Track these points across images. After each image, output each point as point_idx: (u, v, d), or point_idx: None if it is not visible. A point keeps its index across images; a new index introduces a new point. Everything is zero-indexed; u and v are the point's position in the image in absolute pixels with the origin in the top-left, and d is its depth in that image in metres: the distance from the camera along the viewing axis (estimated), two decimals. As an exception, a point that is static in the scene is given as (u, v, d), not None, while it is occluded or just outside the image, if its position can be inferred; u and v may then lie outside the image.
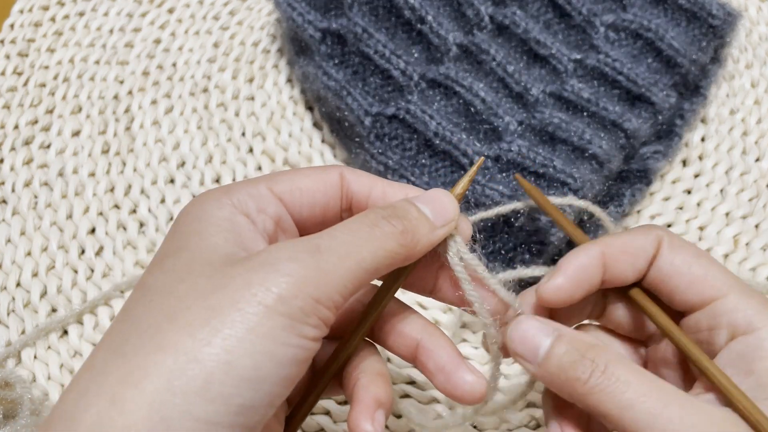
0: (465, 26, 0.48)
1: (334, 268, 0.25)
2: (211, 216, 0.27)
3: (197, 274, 0.25)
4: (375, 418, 0.28)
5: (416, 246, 0.28)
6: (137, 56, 0.55)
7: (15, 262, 0.46)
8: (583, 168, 0.42)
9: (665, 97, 0.46)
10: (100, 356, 0.24)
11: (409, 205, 0.28)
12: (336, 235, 0.26)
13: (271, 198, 0.28)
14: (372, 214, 0.27)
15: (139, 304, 0.25)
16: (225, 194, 0.28)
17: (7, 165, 0.50)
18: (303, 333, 0.24)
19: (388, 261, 0.27)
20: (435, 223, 0.28)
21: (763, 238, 0.47)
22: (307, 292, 0.24)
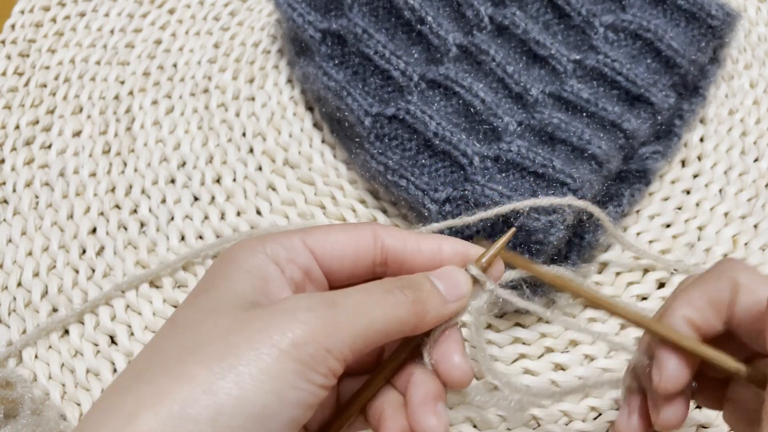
0: (465, 27, 0.49)
1: (347, 323, 0.27)
2: (245, 262, 0.29)
3: (221, 315, 0.27)
4: (437, 411, 0.29)
5: (425, 317, 0.29)
6: (138, 57, 0.56)
7: (16, 261, 0.46)
8: (582, 168, 0.43)
9: (664, 97, 0.46)
10: (124, 380, 0.26)
11: (424, 279, 0.30)
12: (352, 294, 0.28)
13: (302, 249, 0.30)
14: (388, 282, 0.29)
15: (166, 336, 0.27)
16: (260, 243, 0.30)
17: (8, 165, 0.50)
18: (312, 379, 0.26)
19: (398, 327, 0.28)
20: (447, 298, 0.30)
21: (762, 238, 0.47)
22: (319, 341, 0.26)
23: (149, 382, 0.25)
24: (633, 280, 0.46)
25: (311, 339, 0.26)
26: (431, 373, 0.31)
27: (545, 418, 0.41)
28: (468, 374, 0.31)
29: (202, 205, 0.49)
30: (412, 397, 0.30)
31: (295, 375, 0.25)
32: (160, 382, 0.25)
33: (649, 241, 0.47)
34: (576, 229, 0.44)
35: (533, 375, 0.42)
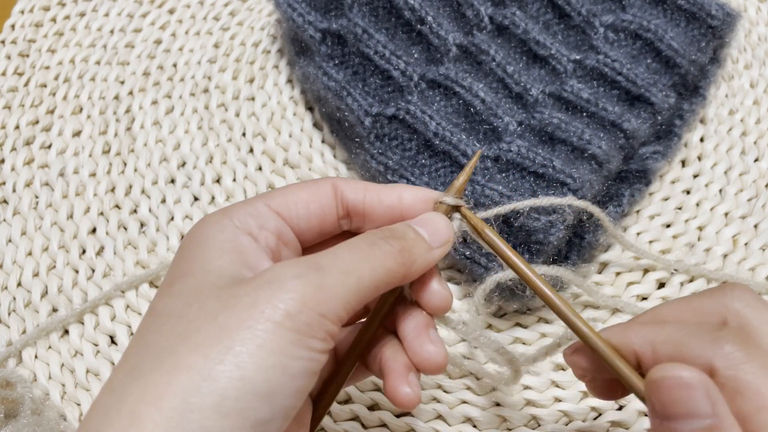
0: (465, 27, 0.49)
1: (336, 284, 0.26)
2: (214, 239, 0.28)
3: (205, 297, 0.26)
4: (410, 381, 0.30)
5: (413, 265, 0.29)
6: (138, 57, 0.56)
7: (16, 262, 0.46)
8: (582, 168, 0.43)
9: (664, 97, 0.46)
10: (116, 379, 0.25)
11: (407, 227, 0.30)
12: (337, 254, 0.27)
13: (269, 214, 0.30)
14: (371, 235, 0.29)
15: (151, 328, 0.26)
16: (225, 216, 0.29)
17: (8, 165, 0.50)
18: (311, 346, 0.25)
19: (387, 279, 0.28)
20: (431, 244, 0.30)
21: (762, 238, 0.47)
22: (311, 307, 0.25)
23: (145, 378, 0.24)
24: (633, 280, 0.46)
25: (304, 307, 0.25)
26: (415, 305, 0.31)
27: (545, 418, 0.41)
28: (447, 298, 0.31)
29: (202, 205, 0.49)
30: (405, 332, 0.30)
31: (293, 345, 0.25)
32: (155, 377, 0.24)
33: (649, 241, 0.47)
34: (576, 229, 0.44)
35: (533, 375, 0.42)
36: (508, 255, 0.31)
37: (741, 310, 0.28)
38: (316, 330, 0.25)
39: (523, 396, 0.42)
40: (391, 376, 0.30)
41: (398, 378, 0.30)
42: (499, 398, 0.42)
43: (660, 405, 0.25)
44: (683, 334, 0.27)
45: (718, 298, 0.29)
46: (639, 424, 0.41)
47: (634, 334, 0.28)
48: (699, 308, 0.29)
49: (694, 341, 0.26)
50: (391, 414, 0.41)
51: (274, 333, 0.24)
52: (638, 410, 0.41)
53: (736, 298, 0.28)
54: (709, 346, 0.26)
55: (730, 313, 0.28)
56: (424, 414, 0.41)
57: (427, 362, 0.30)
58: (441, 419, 0.41)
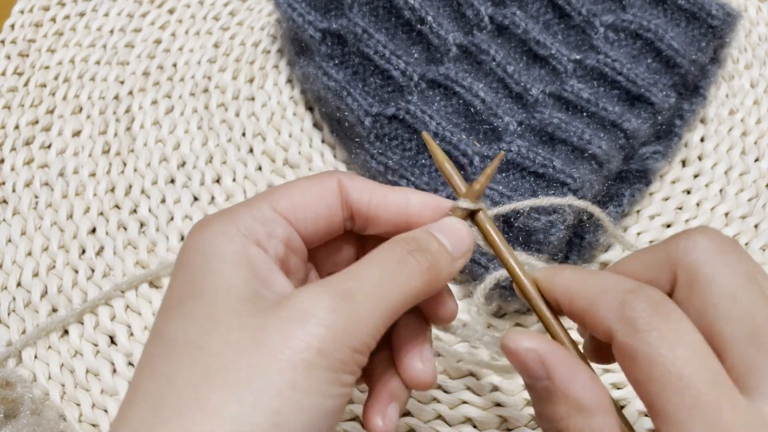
0: (465, 26, 0.49)
1: (368, 314, 0.25)
2: (222, 251, 0.26)
3: (226, 326, 0.24)
4: (387, 414, 0.29)
5: (439, 281, 0.28)
6: (138, 56, 0.56)
7: (16, 262, 0.46)
8: (582, 168, 0.42)
9: (665, 97, 0.46)
10: (136, 417, 0.23)
11: (430, 237, 0.28)
12: (365, 278, 0.26)
13: (277, 219, 0.28)
14: (397, 248, 0.27)
15: (167, 359, 0.24)
16: (230, 223, 0.27)
17: (8, 165, 0.50)
18: (344, 381, 0.25)
19: (414, 300, 0.27)
20: (454, 254, 0.28)
21: (762, 238, 0.47)
22: (344, 343, 0.24)
23: (174, 422, 0.23)
24: (633, 280, 0.46)
25: (337, 343, 0.24)
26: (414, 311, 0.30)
27: (545, 419, 0.41)
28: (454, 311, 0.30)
29: (202, 205, 0.49)
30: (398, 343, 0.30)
31: (328, 384, 0.24)
32: (185, 422, 0.22)
33: (650, 242, 0.47)
34: (576, 229, 0.44)
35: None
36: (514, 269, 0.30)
37: (692, 263, 0.26)
38: (349, 364, 0.24)
39: (524, 396, 0.42)
40: (373, 401, 0.29)
41: (378, 405, 0.29)
42: (499, 398, 0.42)
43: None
44: (597, 292, 0.26)
45: (670, 249, 0.27)
46: (639, 424, 0.41)
47: (559, 281, 0.27)
48: (651, 262, 0.28)
49: (604, 302, 0.25)
50: (391, 414, 0.41)
51: (309, 373, 0.23)
52: (639, 410, 0.41)
53: (690, 250, 0.26)
54: (614, 309, 0.25)
55: (681, 267, 0.26)
56: (424, 414, 0.41)
57: (415, 381, 0.29)
58: (441, 419, 0.41)
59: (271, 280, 0.26)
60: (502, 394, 0.42)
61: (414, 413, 0.41)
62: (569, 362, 0.26)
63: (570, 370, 0.25)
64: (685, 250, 0.26)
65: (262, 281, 0.26)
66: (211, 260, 0.26)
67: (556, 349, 0.26)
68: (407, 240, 0.28)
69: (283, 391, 0.23)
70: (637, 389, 0.24)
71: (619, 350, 0.25)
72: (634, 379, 0.24)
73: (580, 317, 0.27)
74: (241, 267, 0.26)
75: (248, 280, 0.25)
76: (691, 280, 0.26)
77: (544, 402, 0.26)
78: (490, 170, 0.30)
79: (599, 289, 0.26)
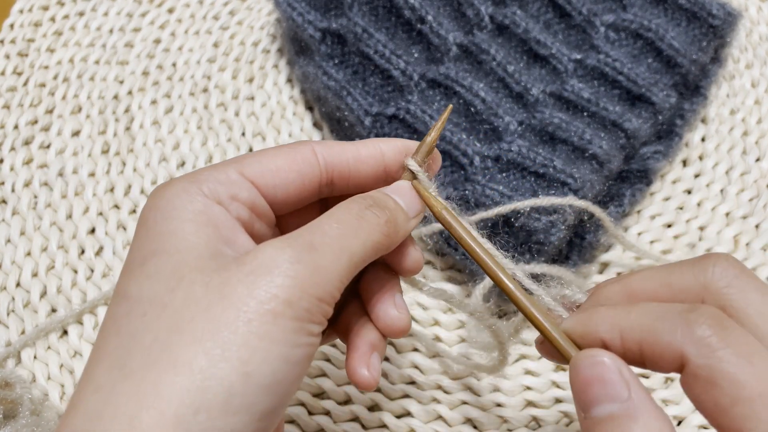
0: (465, 26, 0.48)
1: (331, 264, 0.25)
2: (184, 210, 0.26)
3: (189, 282, 0.24)
4: (371, 363, 0.29)
5: (397, 235, 0.29)
6: (137, 56, 0.55)
7: (15, 262, 0.46)
8: (583, 168, 0.42)
9: (665, 97, 0.46)
10: (102, 375, 0.23)
11: (387, 196, 0.29)
12: (326, 230, 0.26)
13: (243, 183, 0.28)
14: (356, 204, 0.28)
15: (132, 317, 0.24)
16: (193, 183, 0.27)
17: (7, 165, 0.50)
18: (310, 331, 0.25)
19: (375, 252, 0.27)
20: (409, 214, 0.30)
21: (763, 238, 0.47)
22: (310, 293, 0.24)
23: (139, 377, 0.23)
24: (634, 280, 0.46)
25: (303, 293, 0.24)
26: (381, 265, 0.30)
27: (546, 419, 0.41)
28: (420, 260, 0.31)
29: (201, 205, 0.49)
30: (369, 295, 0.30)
31: (295, 333, 0.24)
32: (152, 375, 0.22)
33: (651, 242, 0.47)
34: (577, 229, 0.44)
35: (534, 375, 0.42)
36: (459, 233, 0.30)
37: (722, 289, 0.25)
38: (315, 314, 0.25)
39: (524, 397, 0.42)
40: (354, 355, 0.29)
41: (360, 358, 0.29)
42: (499, 399, 0.41)
43: (578, 389, 0.24)
44: (651, 319, 0.24)
45: (697, 274, 0.26)
46: None
47: (600, 321, 0.26)
48: (675, 285, 0.26)
49: (664, 326, 0.24)
50: (392, 415, 0.41)
51: (276, 323, 0.24)
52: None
53: (718, 277, 0.25)
54: (679, 330, 0.23)
55: (709, 293, 0.25)
56: (425, 415, 0.41)
57: (390, 328, 0.30)
58: (441, 420, 0.41)
59: (234, 240, 0.26)
60: (502, 394, 0.42)
61: (414, 414, 0.41)
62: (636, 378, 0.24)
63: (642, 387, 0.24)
64: (713, 277, 0.26)
65: (225, 240, 0.26)
66: (173, 219, 0.26)
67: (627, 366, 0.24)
68: (364, 197, 0.28)
69: (250, 341, 0.23)
70: (717, 416, 0.23)
71: (694, 376, 0.23)
72: (714, 405, 0.22)
73: (637, 353, 0.25)
74: (202, 225, 0.26)
75: (210, 239, 0.26)
76: (723, 306, 0.25)
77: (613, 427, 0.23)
78: (439, 123, 0.31)
79: (652, 315, 0.25)
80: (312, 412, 0.41)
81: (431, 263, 0.47)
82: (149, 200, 0.27)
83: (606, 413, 0.23)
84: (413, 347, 0.43)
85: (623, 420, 0.23)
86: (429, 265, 0.46)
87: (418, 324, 0.44)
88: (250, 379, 0.23)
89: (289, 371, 0.24)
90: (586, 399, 0.24)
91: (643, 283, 0.27)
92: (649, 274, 0.28)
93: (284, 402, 0.25)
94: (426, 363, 0.43)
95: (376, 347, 0.30)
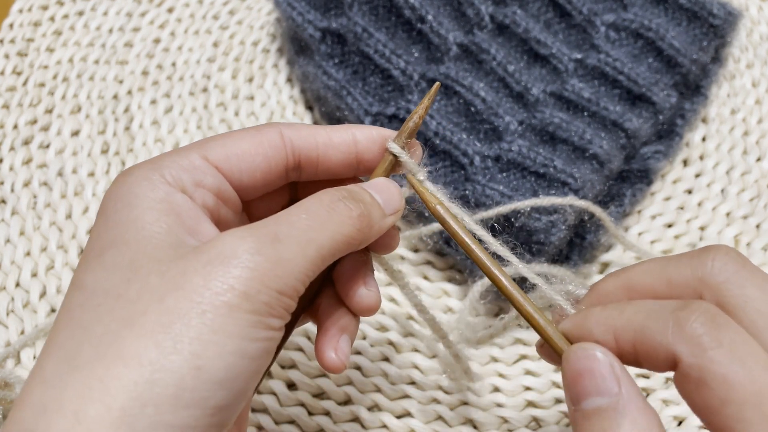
0: (465, 26, 0.48)
1: (295, 257, 0.24)
2: (145, 198, 0.25)
3: (146, 272, 0.23)
4: (339, 346, 0.29)
5: (371, 230, 0.27)
6: (136, 56, 0.55)
7: (14, 262, 0.46)
8: (583, 168, 0.42)
9: (666, 96, 0.46)
10: (50, 368, 0.22)
11: (363, 190, 0.28)
12: (293, 221, 0.25)
13: (207, 168, 0.27)
14: (328, 195, 0.27)
15: (85, 308, 0.23)
16: (154, 170, 0.26)
17: (7, 165, 0.50)
18: (269, 325, 0.24)
19: (345, 246, 0.26)
20: (385, 211, 0.29)
21: (764, 238, 0.47)
22: (270, 285, 0.23)
23: (86, 369, 0.22)
24: (634, 280, 0.45)
25: (262, 286, 0.23)
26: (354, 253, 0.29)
27: (546, 419, 0.41)
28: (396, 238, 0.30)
29: (201, 204, 0.49)
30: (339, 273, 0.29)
31: (252, 327, 0.23)
32: (99, 369, 0.22)
33: (651, 242, 0.47)
34: (577, 229, 0.44)
35: (534, 376, 0.42)
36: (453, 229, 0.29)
37: (720, 285, 0.24)
38: (275, 308, 0.24)
39: (524, 397, 0.41)
40: (323, 337, 0.29)
41: (329, 341, 0.28)
42: (499, 399, 0.41)
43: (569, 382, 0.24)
44: (643, 317, 0.24)
45: (695, 268, 0.25)
46: None
47: (594, 322, 0.25)
48: (674, 280, 0.26)
49: (656, 325, 0.23)
50: (392, 415, 0.41)
51: (231, 316, 0.22)
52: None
53: (716, 271, 0.25)
54: (670, 329, 0.23)
55: (707, 288, 0.25)
56: (425, 415, 0.41)
57: (362, 305, 0.29)
58: (441, 420, 0.41)
59: (197, 229, 0.25)
60: (502, 394, 0.42)
61: (414, 414, 0.41)
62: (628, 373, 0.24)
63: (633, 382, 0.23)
64: (712, 272, 0.25)
65: (187, 229, 0.25)
66: (133, 208, 0.25)
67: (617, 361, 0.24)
68: (338, 189, 0.27)
69: (203, 334, 0.22)
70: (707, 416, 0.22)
71: (685, 376, 0.23)
72: (704, 405, 0.22)
73: (631, 352, 0.24)
74: (163, 214, 0.25)
75: (171, 228, 0.25)
76: (721, 302, 0.24)
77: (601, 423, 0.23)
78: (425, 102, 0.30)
79: (643, 314, 0.24)
80: (312, 412, 0.41)
81: (431, 263, 0.46)
82: (110, 188, 0.26)
83: (595, 406, 0.23)
84: (413, 347, 0.43)
85: (612, 414, 0.23)
86: (429, 265, 0.46)
87: (418, 324, 0.44)
88: (202, 374, 0.22)
89: (246, 366, 0.23)
90: (576, 391, 0.24)
91: (642, 277, 0.27)
92: (648, 267, 0.27)
93: (240, 397, 0.24)
94: (426, 363, 0.42)
95: (346, 329, 0.29)
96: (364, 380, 0.42)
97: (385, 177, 0.30)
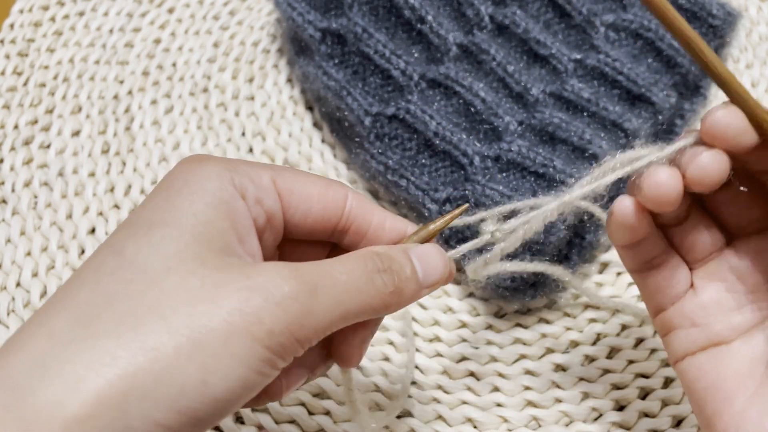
0: (465, 26, 0.48)
1: (324, 315, 0.25)
2: (212, 196, 0.25)
3: (187, 269, 0.24)
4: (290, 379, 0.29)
5: (399, 306, 0.28)
6: (137, 56, 0.55)
7: (15, 262, 0.46)
8: (583, 168, 0.42)
9: (665, 97, 0.46)
10: (60, 325, 0.22)
11: (406, 261, 0.28)
12: (334, 279, 0.26)
13: (271, 191, 0.27)
14: (370, 262, 0.27)
15: (116, 278, 0.23)
16: (227, 170, 0.26)
17: (7, 165, 0.50)
18: (276, 365, 0.25)
19: (369, 315, 0.27)
20: (422, 283, 0.28)
21: (763, 238, 0.47)
22: (293, 332, 0.24)
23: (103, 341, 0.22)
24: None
25: (287, 330, 0.24)
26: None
27: (546, 419, 0.41)
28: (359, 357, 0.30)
29: (201, 205, 0.49)
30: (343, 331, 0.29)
31: (262, 362, 0.24)
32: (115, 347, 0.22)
33: (650, 241, 0.47)
34: (577, 229, 0.44)
35: (534, 375, 0.42)
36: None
37: None
38: (287, 353, 0.24)
39: (524, 397, 0.42)
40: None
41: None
42: (499, 399, 0.41)
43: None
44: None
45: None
46: (640, 425, 0.40)
47: None
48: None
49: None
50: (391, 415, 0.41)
51: (250, 347, 0.23)
52: (639, 411, 0.41)
53: None
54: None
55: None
56: (425, 415, 0.41)
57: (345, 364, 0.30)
58: (441, 419, 0.41)
59: (246, 239, 0.26)
60: (502, 394, 0.42)
61: (414, 414, 0.41)
62: None
63: None
64: None
65: (238, 236, 0.25)
66: (197, 199, 0.25)
67: None
68: (381, 257, 0.27)
69: (220, 354, 0.23)
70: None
71: None
72: None
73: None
74: (224, 216, 0.25)
75: (225, 232, 0.25)
76: None
77: None
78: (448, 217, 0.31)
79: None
80: (312, 412, 0.41)
81: (431, 263, 0.46)
82: (180, 167, 0.26)
83: None
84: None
85: None
86: (429, 265, 0.46)
87: (418, 324, 0.44)
88: (205, 388, 0.23)
89: (241, 394, 0.24)
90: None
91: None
92: None
93: (217, 420, 0.24)
94: (426, 363, 0.43)
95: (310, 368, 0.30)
96: (364, 380, 0.42)
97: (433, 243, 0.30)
